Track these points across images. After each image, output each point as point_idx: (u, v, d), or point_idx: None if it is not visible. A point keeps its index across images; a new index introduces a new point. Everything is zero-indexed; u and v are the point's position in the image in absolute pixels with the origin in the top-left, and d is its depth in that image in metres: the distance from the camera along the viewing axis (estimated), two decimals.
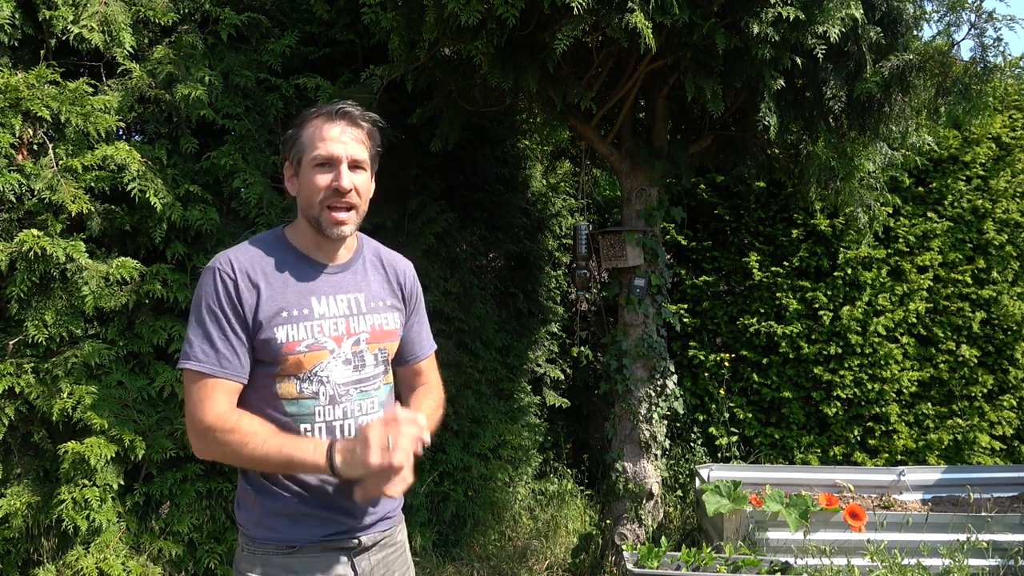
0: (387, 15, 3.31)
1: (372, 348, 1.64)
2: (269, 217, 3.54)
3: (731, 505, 3.49)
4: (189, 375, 1.51)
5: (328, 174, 1.57)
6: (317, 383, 1.56)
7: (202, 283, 1.54)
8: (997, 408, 5.12)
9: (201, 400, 1.49)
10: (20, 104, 2.95)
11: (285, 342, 1.53)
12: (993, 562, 3.30)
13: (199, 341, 1.51)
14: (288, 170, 1.64)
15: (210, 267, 1.55)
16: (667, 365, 4.06)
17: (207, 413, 1.48)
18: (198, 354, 1.50)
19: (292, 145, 1.62)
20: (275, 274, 1.57)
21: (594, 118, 3.95)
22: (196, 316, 1.52)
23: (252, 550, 1.56)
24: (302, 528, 1.55)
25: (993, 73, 3.39)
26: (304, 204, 1.60)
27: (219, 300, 1.51)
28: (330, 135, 1.57)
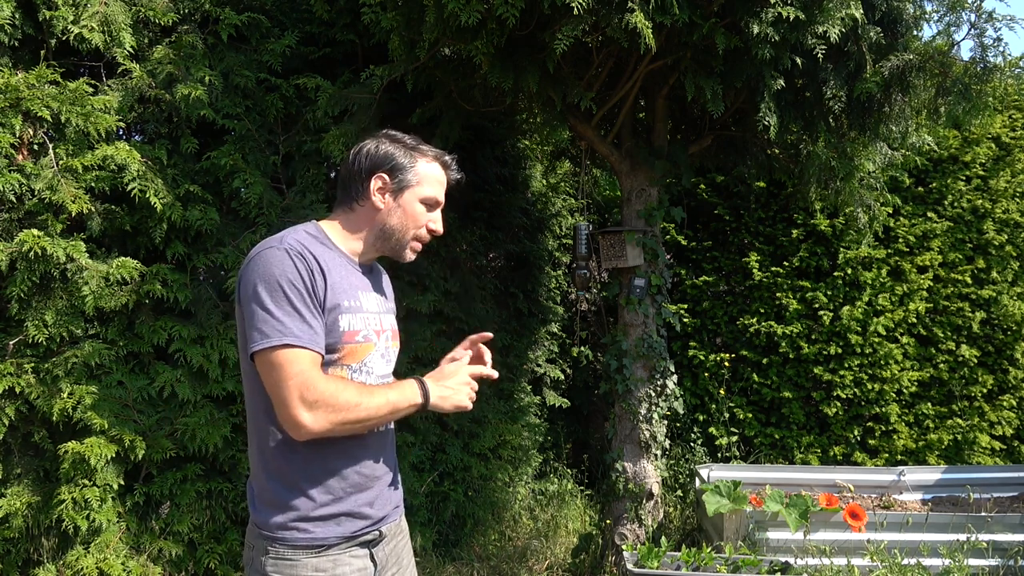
0: (387, 15, 3.31)
1: (393, 345, 1.75)
2: (269, 217, 3.54)
3: (731, 505, 3.49)
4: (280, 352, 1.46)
5: (429, 213, 1.71)
6: (365, 374, 1.63)
7: (273, 261, 1.49)
8: (997, 408, 5.12)
9: (305, 373, 1.46)
10: (20, 104, 2.95)
11: (347, 330, 1.57)
12: (993, 562, 3.30)
13: (290, 319, 1.47)
14: (382, 183, 1.66)
15: (277, 248, 1.51)
16: (667, 365, 4.06)
17: (318, 381, 1.47)
18: (293, 330, 1.47)
19: (398, 168, 1.66)
20: (334, 265, 1.60)
21: (594, 118, 3.95)
22: (274, 295, 1.47)
23: (279, 553, 1.52)
24: (332, 526, 1.56)
25: (993, 73, 3.39)
26: (395, 228, 1.68)
27: (301, 278, 1.50)
28: (442, 180, 1.72)
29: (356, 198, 1.68)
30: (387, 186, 1.66)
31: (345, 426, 1.50)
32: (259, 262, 1.51)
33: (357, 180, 1.68)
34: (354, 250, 1.68)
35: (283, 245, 1.52)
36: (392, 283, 1.90)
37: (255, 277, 1.50)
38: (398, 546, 1.72)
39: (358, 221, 1.69)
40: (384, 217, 1.67)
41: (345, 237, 1.68)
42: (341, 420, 1.49)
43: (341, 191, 1.72)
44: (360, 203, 1.68)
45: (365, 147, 1.69)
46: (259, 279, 1.49)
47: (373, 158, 1.67)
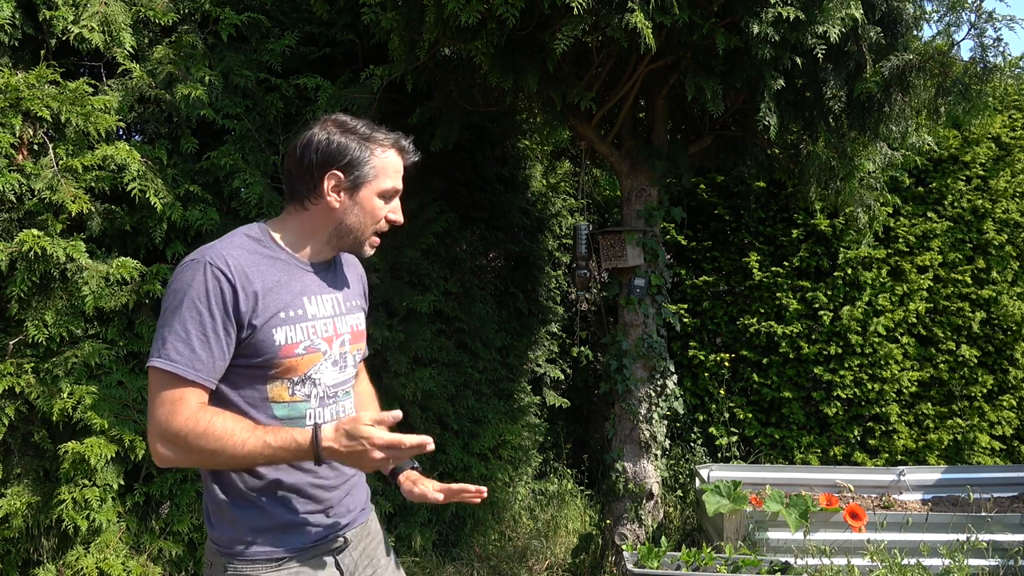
0: (387, 15, 3.31)
1: (352, 349, 1.65)
2: (269, 217, 3.53)
3: (731, 505, 3.49)
4: (158, 375, 1.40)
5: (387, 204, 1.60)
6: (310, 385, 1.53)
7: (185, 276, 1.42)
8: (997, 408, 5.12)
9: (170, 403, 1.39)
10: (20, 104, 2.95)
11: (284, 344, 1.48)
12: (993, 562, 3.30)
13: (173, 339, 1.39)
14: (335, 181, 1.53)
15: (197, 260, 1.43)
16: (667, 365, 4.06)
17: (177, 417, 1.37)
18: (171, 353, 1.39)
19: (354, 163, 1.53)
20: (270, 273, 1.49)
21: (594, 118, 3.95)
22: (173, 311, 1.40)
23: (237, 570, 1.47)
24: (290, 537, 1.50)
25: (993, 73, 3.39)
26: (353, 226, 1.57)
27: (207, 297, 1.40)
28: (399, 169, 1.60)
29: (307, 196, 1.55)
30: (342, 183, 1.53)
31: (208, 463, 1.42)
32: (177, 275, 1.44)
33: (308, 177, 1.54)
34: (305, 252, 1.57)
35: (205, 258, 1.43)
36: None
37: (169, 290, 1.44)
38: (369, 547, 1.67)
39: (311, 221, 1.56)
40: (340, 216, 1.55)
41: (296, 239, 1.57)
42: (192, 462, 1.41)
43: (289, 186, 1.58)
44: (313, 202, 1.55)
45: (314, 139, 1.54)
46: (171, 293, 1.43)
47: (325, 153, 1.52)
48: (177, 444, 1.38)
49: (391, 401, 3.98)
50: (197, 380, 1.41)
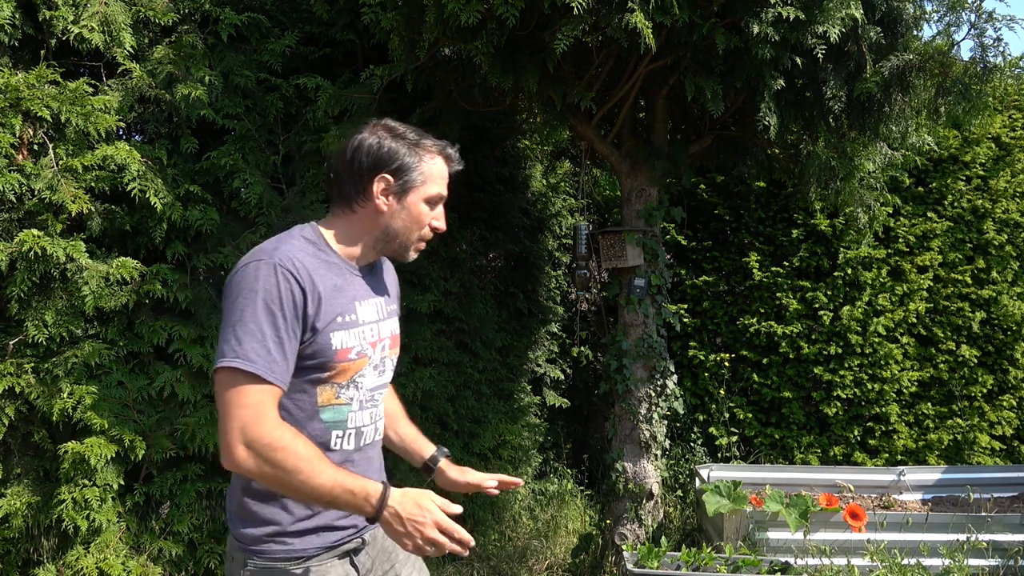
0: (387, 15, 3.31)
1: (390, 354, 1.67)
2: (269, 217, 3.54)
3: (731, 505, 3.49)
4: (235, 375, 1.37)
5: (432, 211, 1.61)
6: (354, 389, 1.55)
7: (255, 276, 1.41)
8: (997, 408, 5.12)
9: (253, 406, 1.36)
10: (20, 104, 2.95)
11: (339, 348, 1.49)
12: (993, 562, 3.30)
13: (250, 340, 1.37)
14: (384, 185, 1.55)
15: (266, 261, 1.42)
16: (667, 365, 4.06)
17: (263, 424, 1.36)
18: (249, 353, 1.36)
19: (403, 168, 1.55)
20: (328, 277, 1.50)
21: (594, 118, 3.95)
22: (247, 312, 1.38)
23: (257, 566, 1.49)
24: (311, 537, 1.51)
25: (993, 73, 3.39)
26: (399, 230, 1.58)
27: (279, 299, 1.40)
28: (445, 176, 1.62)
29: (356, 198, 1.56)
30: (391, 187, 1.55)
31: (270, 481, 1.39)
32: (245, 274, 1.42)
33: (357, 179, 1.55)
34: (354, 255, 1.58)
35: (273, 259, 1.42)
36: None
37: (236, 289, 1.41)
38: (387, 545, 1.67)
39: (359, 223, 1.57)
40: (387, 220, 1.56)
41: (345, 241, 1.57)
42: (261, 475, 1.38)
43: (338, 189, 1.59)
44: (361, 204, 1.56)
45: (365, 142, 1.56)
46: (239, 292, 1.41)
47: (375, 156, 1.54)
48: (259, 452, 1.36)
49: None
50: (275, 382, 1.40)
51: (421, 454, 1.84)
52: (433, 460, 1.83)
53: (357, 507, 1.39)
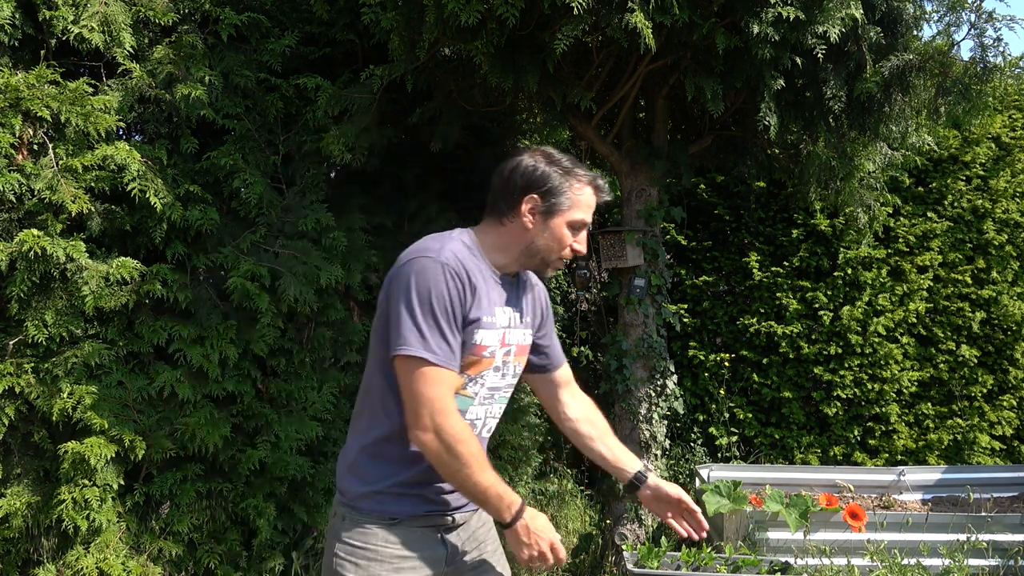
0: (387, 15, 3.32)
1: (515, 360, 1.78)
2: (269, 217, 3.54)
3: (731, 505, 3.49)
4: (421, 363, 1.53)
5: (574, 235, 1.72)
6: (479, 385, 1.69)
7: (427, 274, 1.55)
8: (997, 408, 5.12)
9: (440, 397, 1.53)
10: (20, 104, 2.95)
11: (476, 345, 1.63)
12: (993, 562, 3.30)
13: (433, 335, 1.53)
14: (532, 204, 1.68)
15: (435, 259, 1.56)
16: (667, 365, 4.06)
17: (450, 418, 1.53)
18: (433, 346, 1.53)
19: (554, 189, 1.68)
20: (480, 280, 1.64)
21: (594, 118, 3.95)
22: (423, 307, 1.53)
23: (356, 520, 1.63)
24: (405, 503, 1.64)
25: (993, 73, 3.39)
26: (542, 247, 1.70)
27: (450, 296, 1.55)
28: (591, 204, 1.73)
29: (506, 213, 1.70)
30: (538, 207, 1.68)
31: (443, 466, 1.56)
32: (415, 268, 1.56)
33: (509, 196, 1.70)
34: (499, 263, 1.71)
35: (440, 258, 1.57)
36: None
37: (409, 281, 1.55)
38: (479, 531, 1.79)
39: (507, 237, 1.71)
40: (532, 237, 1.69)
41: (493, 250, 1.71)
42: (445, 460, 1.55)
43: (492, 202, 1.74)
44: (510, 219, 1.70)
45: (521, 164, 1.72)
46: (412, 286, 1.55)
47: (528, 178, 1.69)
48: (443, 440, 1.52)
49: None
50: (456, 370, 1.58)
51: (627, 470, 1.95)
52: (639, 478, 1.93)
53: (498, 511, 1.58)
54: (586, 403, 2.02)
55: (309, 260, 3.49)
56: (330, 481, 3.63)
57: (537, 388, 1.99)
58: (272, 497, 3.43)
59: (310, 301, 3.46)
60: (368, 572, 1.60)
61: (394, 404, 1.61)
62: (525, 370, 1.86)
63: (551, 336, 1.93)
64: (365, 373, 1.70)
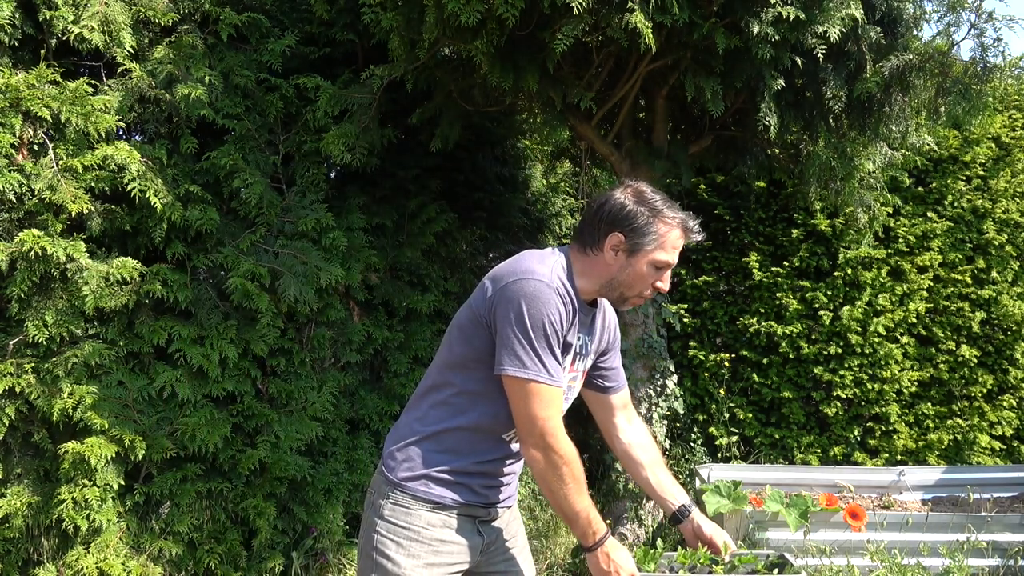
0: (387, 15, 3.32)
1: (576, 385, 1.84)
2: (269, 217, 3.54)
3: (731, 505, 3.49)
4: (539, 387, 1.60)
5: (658, 274, 1.73)
6: None
7: (541, 298, 1.59)
8: (997, 408, 5.12)
9: (551, 418, 1.61)
10: (20, 104, 2.95)
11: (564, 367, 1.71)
12: (993, 562, 3.30)
13: (547, 357, 1.60)
14: (617, 241, 1.70)
15: (548, 285, 1.61)
16: (667, 365, 4.06)
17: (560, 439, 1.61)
18: (550, 371, 1.60)
19: (639, 229, 1.69)
20: (575, 309, 1.69)
21: (594, 118, 3.95)
22: (538, 331, 1.59)
23: (399, 500, 1.68)
24: (452, 490, 1.69)
25: (993, 73, 3.39)
26: (623, 283, 1.73)
27: (560, 321, 1.61)
28: (678, 246, 1.74)
29: (591, 245, 1.72)
30: (622, 245, 1.70)
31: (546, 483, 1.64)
32: (529, 290, 1.60)
33: (596, 229, 1.72)
34: (583, 289, 1.74)
35: (555, 285, 1.62)
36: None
37: (522, 302, 1.59)
38: (511, 525, 1.86)
39: (591, 266, 1.73)
40: (614, 272, 1.72)
41: (579, 276, 1.74)
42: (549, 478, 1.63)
43: (580, 230, 1.77)
44: (594, 252, 1.72)
45: (613, 199, 1.72)
46: (525, 308, 1.59)
47: (615, 215, 1.70)
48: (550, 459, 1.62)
49: (391, 401, 3.99)
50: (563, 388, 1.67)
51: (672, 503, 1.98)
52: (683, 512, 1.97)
53: (584, 535, 1.66)
54: (641, 429, 2.05)
55: (309, 260, 3.50)
56: (330, 481, 3.63)
57: (594, 408, 2.02)
58: (272, 497, 3.43)
59: (310, 301, 3.47)
60: (409, 552, 1.65)
61: (468, 405, 1.68)
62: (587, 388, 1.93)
63: (616, 359, 1.96)
64: (435, 366, 1.75)
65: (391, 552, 1.65)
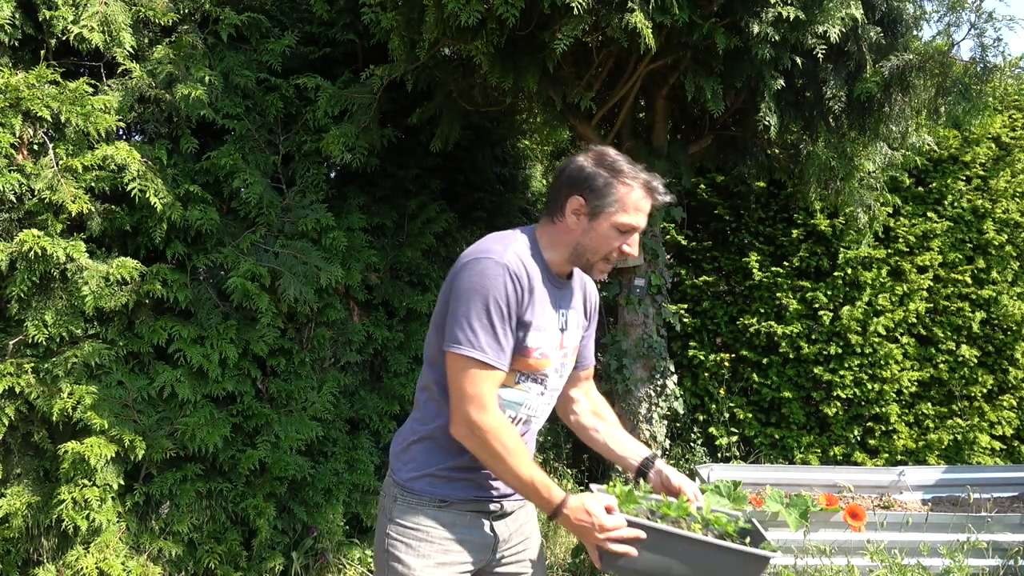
0: (387, 15, 3.32)
1: (569, 361, 1.82)
2: (269, 217, 3.54)
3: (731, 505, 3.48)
4: (467, 362, 1.57)
5: (623, 237, 1.69)
6: (532, 382, 1.71)
7: (487, 274, 1.58)
8: (997, 408, 5.12)
9: (480, 394, 1.57)
10: (20, 104, 2.95)
11: (529, 346, 1.65)
12: (993, 562, 3.30)
13: (485, 333, 1.57)
14: (577, 205, 1.67)
15: (497, 262, 1.59)
16: (667, 365, 4.06)
17: (486, 413, 1.57)
18: (483, 345, 1.56)
19: (598, 193, 1.66)
20: (539, 283, 1.66)
21: (594, 118, 3.95)
22: (481, 307, 1.57)
23: (407, 500, 1.68)
24: (456, 487, 1.68)
25: (993, 73, 3.39)
26: (587, 247, 1.69)
27: (507, 298, 1.58)
28: (642, 208, 1.68)
29: (556, 212, 1.70)
30: (583, 208, 1.67)
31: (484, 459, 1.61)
32: (476, 268, 1.59)
33: (558, 196, 1.70)
34: (554, 262, 1.72)
35: (504, 261, 1.59)
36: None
37: (469, 280, 1.59)
38: (525, 526, 1.82)
39: (557, 235, 1.71)
40: (577, 237, 1.69)
41: (548, 248, 1.72)
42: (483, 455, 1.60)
43: (548, 201, 1.75)
44: (559, 218, 1.70)
45: (573, 163, 1.70)
46: (472, 286, 1.58)
47: (574, 178, 1.67)
48: (478, 436, 1.58)
49: (391, 401, 3.99)
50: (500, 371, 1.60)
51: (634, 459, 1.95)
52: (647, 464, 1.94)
53: (541, 503, 1.60)
54: (598, 400, 2.03)
55: (309, 260, 3.50)
56: (330, 481, 3.63)
57: None
58: (272, 497, 3.43)
59: (310, 301, 3.47)
60: (419, 552, 1.64)
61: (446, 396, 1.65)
62: None
63: (591, 336, 1.94)
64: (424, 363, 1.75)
65: (401, 554, 1.65)
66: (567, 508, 1.57)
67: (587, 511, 1.56)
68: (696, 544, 1.64)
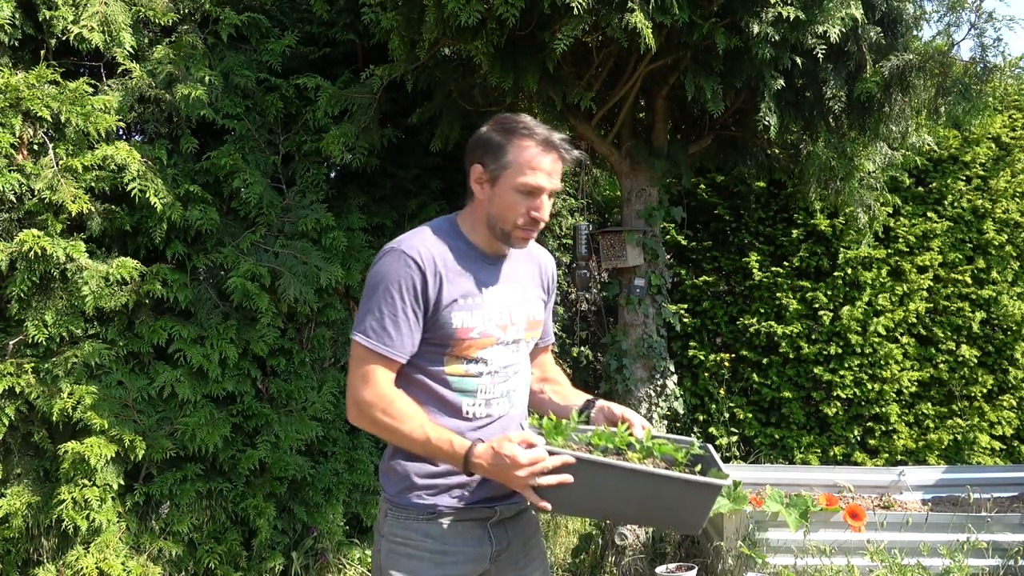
0: (387, 15, 3.32)
1: (527, 336, 1.75)
2: (269, 217, 3.54)
3: (731, 505, 3.48)
4: (356, 347, 1.59)
5: (529, 201, 1.62)
6: (481, 364, 1.65)
7: (385, 263, 1.59)
8: (997, 408, 5.12)
9: (363, 373, 1.57)
10: (20, 104, 2.96)
11: (459, 327, 1.61)
12: (993, 562, 3.30)
13: (370, 318, 1.57)
14: (479, 173, 1.65)
15: (396, 250, 1.59)
16: (667, 365, 4.06)
17: (366, 389, 1.57)
18: (367, 329, 1.57)
19: (493, 156, 1.62)
20: (453, 264, 1.62)
21: (594, 118, 3.95)
22: (373, 293, 1.59)
23: (397, 515, 1.64)
24: (444, 496, 1.63)
25: (993, 73, 3.39)
26: (495, 216, 1.64)
27: (399, 283, 1.56)
28: (542, 166, 1.61)
29: (469, 187, 1.68)
30: (483, 176, 1.64)
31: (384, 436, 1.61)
32: (378, 260, 1.62)
33: (466, 168, 1.68)
34: (481, 241, 1.68)
35: (402, 248, 1.59)
36: None
37: (371, 275, 1.61)
38: (524, 533, 1.75)
39: (475, 211, 1.69)
40: (486, 207, 1.65)
41: (471, 228, 1.69)
42: (372, 429, 1.61)
43: None
44: (472, 193, 1.68)
45: (476, 133, 1.68)
46: (371, 279, 1.61)
47: (473, 146, 1.66)
48: (364, 411, 1.58)
49: None
50: (385, 354, 1.57)
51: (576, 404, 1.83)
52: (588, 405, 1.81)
53: (449, 457, 1.54)
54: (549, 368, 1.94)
55: (309, 260, 3.50)
56: (330, 481, 3.63)
57: None
58: (272, 497, 3.43)
59: (310, 301, 3.47)
60: (410, 568, 1.61)
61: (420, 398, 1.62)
62: None
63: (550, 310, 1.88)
64: None
65: (393, 571, 1.61)
66: (476, 456, 1.50)
67: (497, 452, 1.47)
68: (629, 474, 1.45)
